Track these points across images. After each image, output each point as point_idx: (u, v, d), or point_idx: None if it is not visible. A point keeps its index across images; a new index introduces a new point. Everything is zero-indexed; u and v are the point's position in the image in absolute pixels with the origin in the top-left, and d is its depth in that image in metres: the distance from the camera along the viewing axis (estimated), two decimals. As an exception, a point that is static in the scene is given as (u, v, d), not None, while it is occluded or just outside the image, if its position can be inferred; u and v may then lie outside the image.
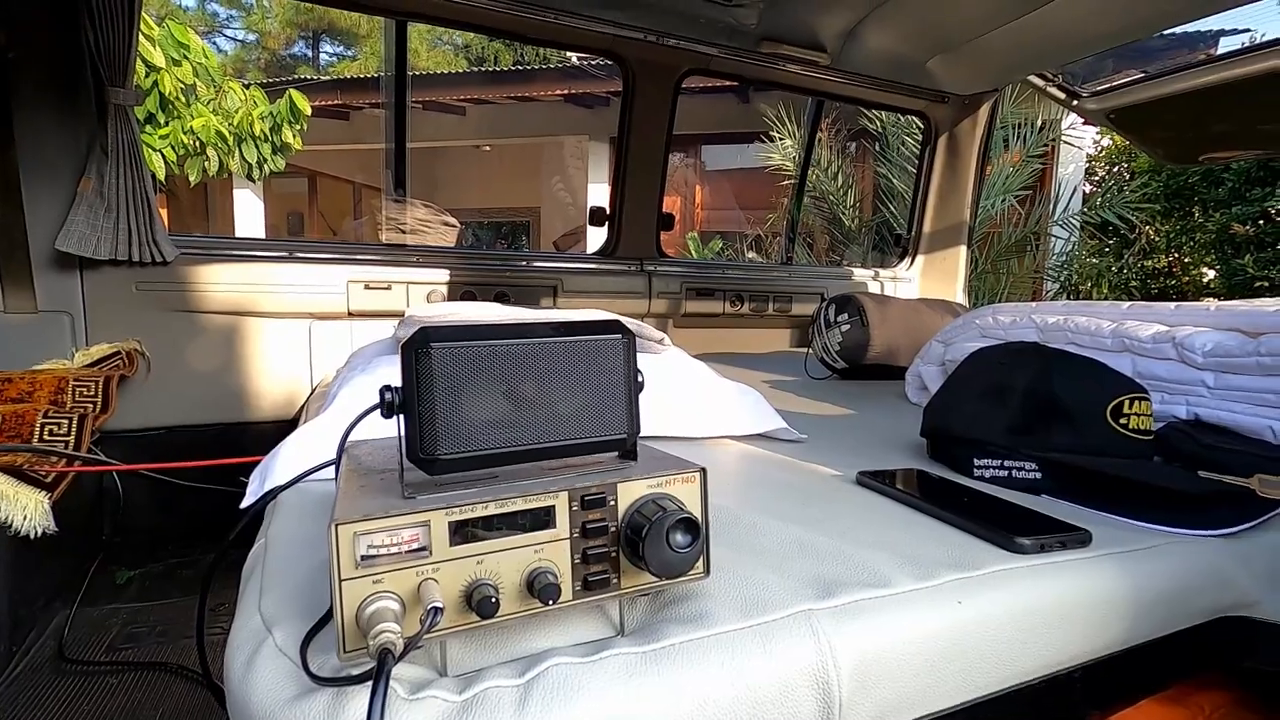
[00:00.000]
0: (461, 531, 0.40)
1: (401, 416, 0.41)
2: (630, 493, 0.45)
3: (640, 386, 0.47)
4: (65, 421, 1.40)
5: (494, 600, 0.39)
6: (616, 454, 0.48)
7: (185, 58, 5.05)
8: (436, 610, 0.37)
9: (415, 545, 0.39)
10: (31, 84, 1.57)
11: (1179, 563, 0.62)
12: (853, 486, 0.78)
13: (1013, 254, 5.20)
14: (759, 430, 0.96)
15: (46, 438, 1.36)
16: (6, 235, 1.63)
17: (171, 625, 1.40)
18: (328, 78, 9.75)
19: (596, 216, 2.29)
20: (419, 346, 0.39)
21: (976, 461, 0.83)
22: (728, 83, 7.09)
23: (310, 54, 15.11)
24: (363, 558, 0.38)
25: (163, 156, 5.09)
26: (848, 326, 1.70)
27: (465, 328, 0.41)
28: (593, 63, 7.17)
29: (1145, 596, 0.59)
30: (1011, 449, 0.80)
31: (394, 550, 0.39)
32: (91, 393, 1.56)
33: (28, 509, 1.19)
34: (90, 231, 1.62)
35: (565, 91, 7.50)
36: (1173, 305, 1.00)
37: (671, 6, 1.95)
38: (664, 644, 0.43)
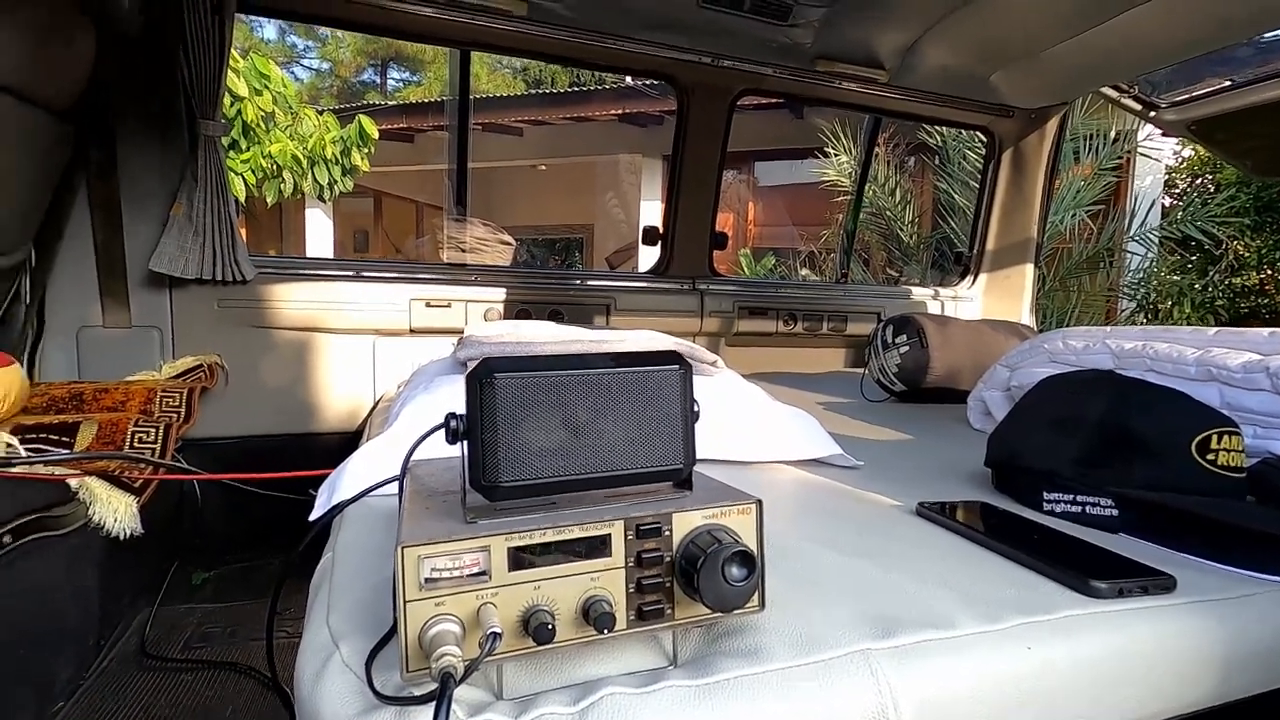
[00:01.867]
0: (520, 557, 0.41)
1: (465, 443, 0.42)
2: (686, 523, 0.45)
3: (696, 416, 0.47)
4: (153, 430, 1.50)
5: (550, 627, 0.40)
6: (672, 484, 0.48)
7: (266, 87, 5.40)
8: (495, 635, 0.38)
9: (476, 569, 0.40)
10: (133, 116, 1.71)
11: (1277, 613, 0.58)
12: (912, 518, 0.75)
13: (1084, 271, 4.95)
14: (813, 456, 0.94)
15: (136, 445, 1.46)
16: (107, 256, 1.77)
17: (241, 626, 1.47)
18: (394, 103, 10.22)
19: (649, 236, 2.31)
20: (483, 377, 0.41)
21: (1046, 495, 0.79)
22: (779, 100, 7.08)
23: (378, 80, 15.88)
24: (426, 580, 0.39)
25: (244, 180, 5.43)
26: (906, 348, 1.66)
27: (527, 359, 0.42)
28: (647, 83, 7.28)
29: (1237, 650, 0.55)
30: (1085, 483, 0.76)
31: (455, 574, 0.40)
32: (176, 403, 1.67)
33: (118, 512, 1.28)
34: (179, 253, 1.74)
35: (620, 111, 7.63)
36: (1266, 332, 0.94)
37: (726, 28, 1.96)
38: (718, 678, 0.43)
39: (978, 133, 3.98)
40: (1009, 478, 0.86)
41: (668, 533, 0.44)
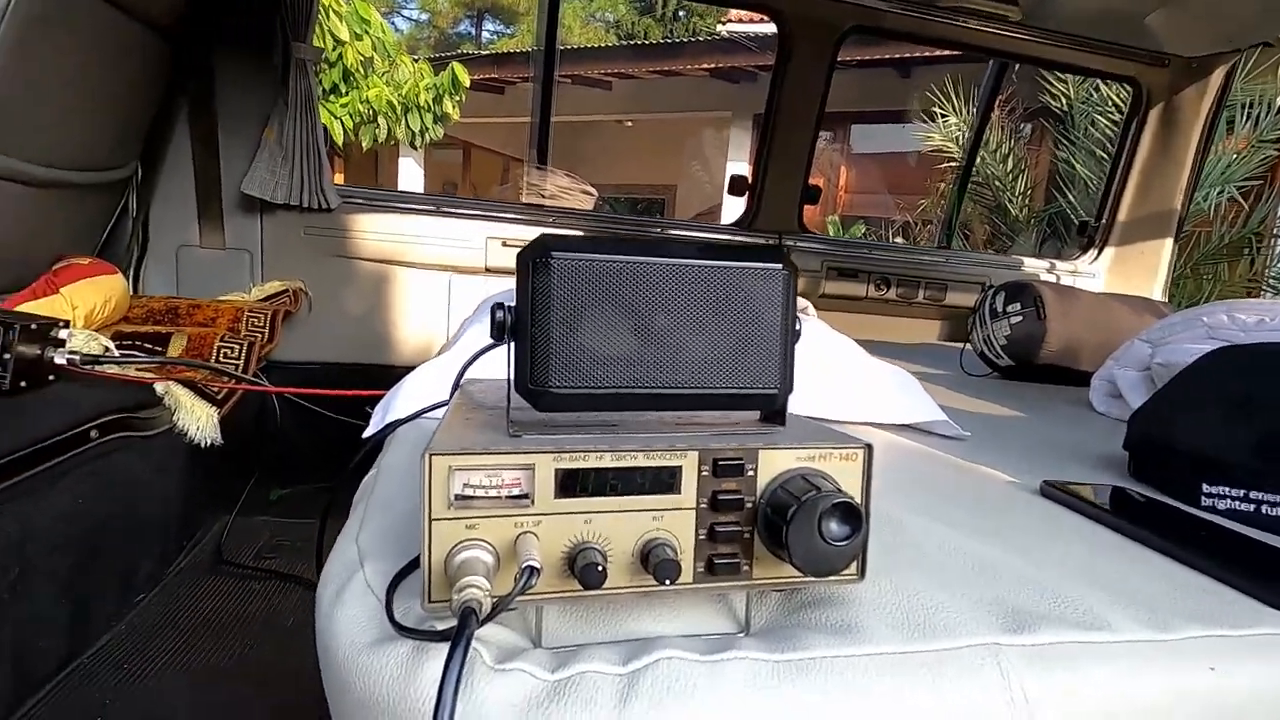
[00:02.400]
0: (570, 483, 0.34)
1: (513, 343, 0.35)
2: (775, 463, 0.36)
3: (797, 336, 0.38)
4: (237, 346, 1.54)
5: (600, 569, 0.32)
6: (760, 415, 0.39)
7: (366, 32, 5.50)
8: (532, 570, 0.31)
9: (516, 491, 0.33)
10: (229, 38, 1.73)
11: None
12: (1035, 498, 0.64)
13: (1223, 258, 4.40)
14: (913, 420, 0.83)
15: (221, 360, 1.50)
16: (205, 179, 1.82)
17: (309, 543, 1.50)
18: (486, 53, 10.27)
19: (736, 185, 2.18)
20: (537, 256, 0.33)
21: (1207, 488, 0.65)
22: (886, 55, 6.59)
23: (474, 32, 16.00)
24: (457, 497, 0.33)
25: (342, 125, 5.58)
26: (1019, 318, 1.48)
27: (595, 239, 0.34)
28: (744, 35, 6.96)
29: None
30: (1265, 474, 0.62)
31: (493, 493, 0.33)
32: (261, 324, 1.71)
33: (200, 420, 1.32)
34: (269, 177, 1.76)
35: (711, 65, 7.35)
36: None
37: (841, -46, 1.77)
38: (802, 655, 0.35)
39: (1116, 88, 3.54)
40: (1156, 464, 0.72)
41: (751, 472, 0.36)
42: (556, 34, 2.28)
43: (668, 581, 0.33)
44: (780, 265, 0.36)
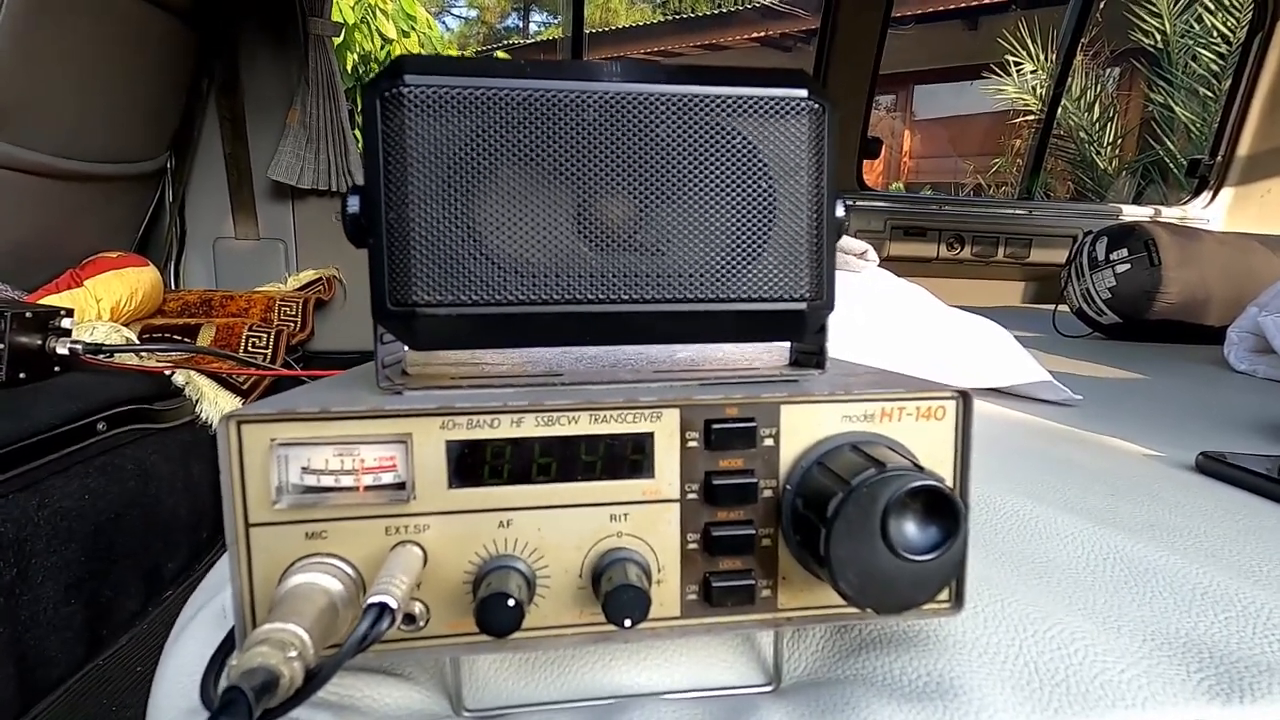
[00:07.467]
0: (472, 463, 0.21)
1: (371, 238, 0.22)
2: (808, 424, 0.22)
3: (840, 225, 0.24)
4: (265, 335, 1.50)
5: (512, 602, 0.20)
6: (788, 347, 0.25)
7: (413, 29, 5.55)
8: (383, 611, 0.18)
9: (388, 477, 0.21)
10: (249, 21, 1.69)
11: None
12: (1191, 476, 0.47)
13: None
14: (1009, 382, 0.66)
15: (249, 349, 1.46)
16: (236, 168, 1.79)
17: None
18: (530, 41, 10.26)
19: (786, 143, 1.99)
20: (386, 87, 0.20)
21: None
22: (950, 5, 6.14)
23: (521, 25, 16.08)
24: (295, 489, 0.21)
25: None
26: (1126, 266, 1.25)
27: (492, 59, 0.21)
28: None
29: None
30: None
31: (347, 481, 0.21)
32: (293, 313, 1.67)
33: (223, 411, 1.27)
34: (295, 161, 1.72)
35: (761, 34, 7.07)
36: None
37: None
38: (861, 742, 0.21)
39: (1224, 16, 3.13)
40: (1359, 428, 0.53)
41: (770, 440, 0.22)
42: (584, 12, 2.15)
43: (629, 622, 0.20)
44: (805, 92, 0.21)
